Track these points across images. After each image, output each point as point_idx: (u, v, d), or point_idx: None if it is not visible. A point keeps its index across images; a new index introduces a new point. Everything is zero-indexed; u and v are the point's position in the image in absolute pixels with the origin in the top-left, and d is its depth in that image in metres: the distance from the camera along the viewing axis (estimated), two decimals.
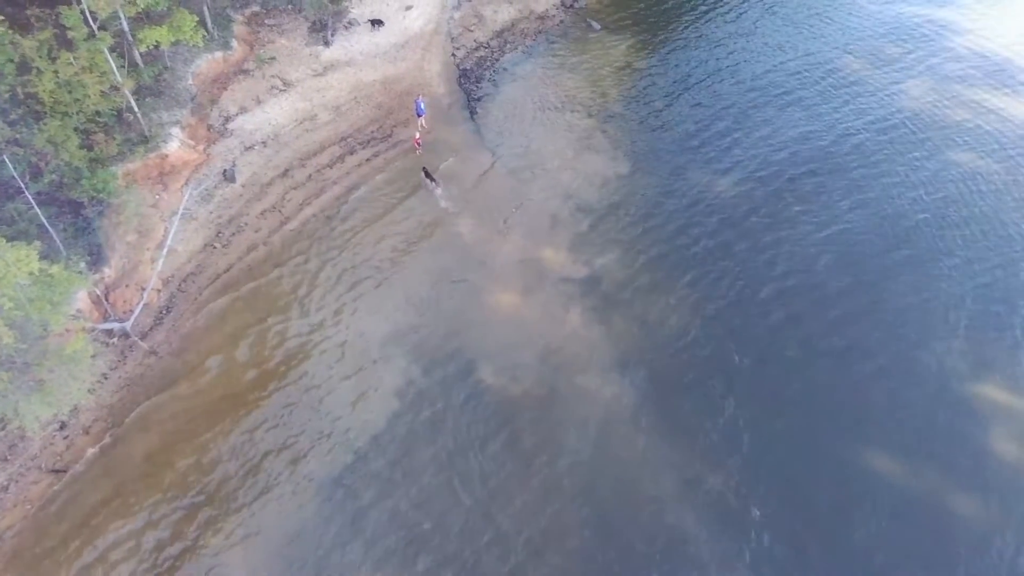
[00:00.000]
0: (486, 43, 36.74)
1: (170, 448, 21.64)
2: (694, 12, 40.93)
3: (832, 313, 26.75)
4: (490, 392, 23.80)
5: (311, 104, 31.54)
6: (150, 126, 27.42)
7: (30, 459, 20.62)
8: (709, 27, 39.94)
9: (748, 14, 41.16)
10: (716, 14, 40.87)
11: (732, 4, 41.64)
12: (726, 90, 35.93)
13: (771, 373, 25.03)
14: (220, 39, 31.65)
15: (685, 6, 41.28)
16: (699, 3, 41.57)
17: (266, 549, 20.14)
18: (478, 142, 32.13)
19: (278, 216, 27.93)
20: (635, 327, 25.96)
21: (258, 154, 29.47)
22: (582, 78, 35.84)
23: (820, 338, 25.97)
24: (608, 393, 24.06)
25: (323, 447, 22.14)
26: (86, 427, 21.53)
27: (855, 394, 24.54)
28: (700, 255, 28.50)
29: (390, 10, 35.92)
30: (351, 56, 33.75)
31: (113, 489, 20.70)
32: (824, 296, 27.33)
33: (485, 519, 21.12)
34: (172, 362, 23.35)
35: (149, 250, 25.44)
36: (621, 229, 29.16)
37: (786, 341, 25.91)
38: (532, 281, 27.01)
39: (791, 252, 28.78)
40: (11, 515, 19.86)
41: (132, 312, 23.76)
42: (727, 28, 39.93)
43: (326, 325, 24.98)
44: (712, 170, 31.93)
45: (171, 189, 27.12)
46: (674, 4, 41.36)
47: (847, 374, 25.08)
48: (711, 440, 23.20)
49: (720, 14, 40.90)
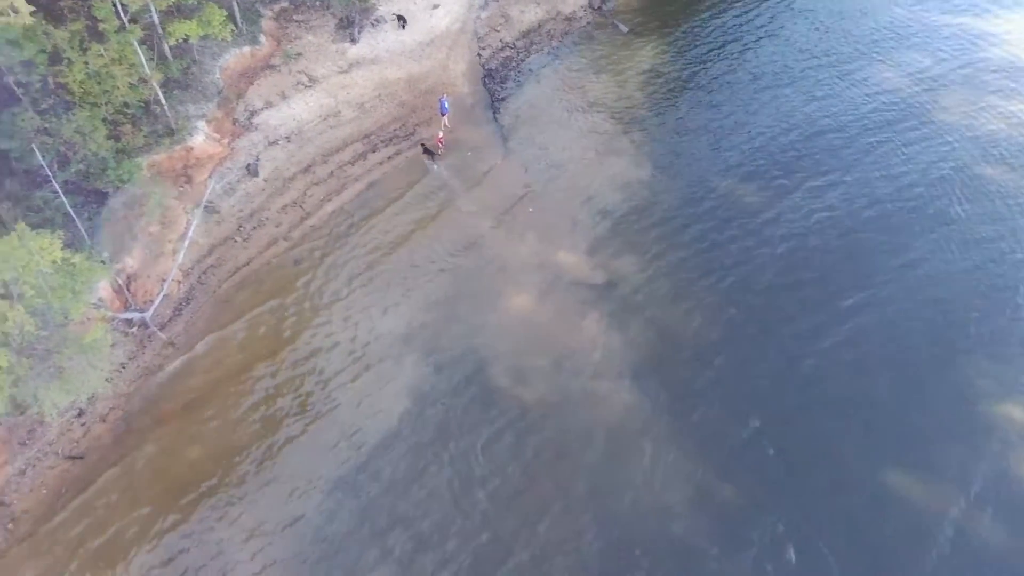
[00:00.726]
0: (512, 43, 36.59)
1: (184, 438, 21.78)
2: (723, 16, 40.39)
3: (857, 325, 26.17)
4: (501, 395, 23.65)
5: (335, 101, 31.64)
6: (176, 119, 27.70)
7: (47, 445, 20.91)
8: (738, 32, 39.40)
9: (777, 19, 40.51)
10: (745, 19, 40.31)
11: (761, 9, 41.05)
12: (753, 96, 35.40)
13: (794, 385, 24.54)
14: (248, 34, 31.88)
15: (714, 10, 40.78)
16: (728, 7, 41.04)
17: (272, 540, 20.19)
18: (500, 142, 32.00)
19: (299, 211, 28.05)
20: (652, 334, 25.62)
21: (281, 149, 29.62)
22: (607, 81, 35.53)
23: (845, 350, 25.38)
24: (622, 400, 23.77)
25: (332, 443, 22.13)
26: (103, 415, 21.78)
27: (883, 412, 23.90)
28: (722, 263, 28.06)
29: (417, 8, 35.92)
30: (377, 54, 33.80)
31: (127, 476, 20.89)
32: (849, 307, 26.74)
33: (487, 521, 20.94)
34: (189, 353, 23.53)
35: (171, 241, 25.68)
36: (641, 233, 28.83)
37: (810, 353, 25.37)
38: (548, 284, 26.81)
39: (815, 261, 28.22)
40: (28, 499, 20.15)
41: (152, 302, 24.01)
42: (755, 33, 39.35)
43: (341, 321, 24.99)
44: (735, 176, 31.46)
45: (195, 182, 27.35)
46: (704, 8, 40.88)
47: (874, 390, 24.49)
48: (728, 453, 22.78)
49: (749, 19, 40.32)
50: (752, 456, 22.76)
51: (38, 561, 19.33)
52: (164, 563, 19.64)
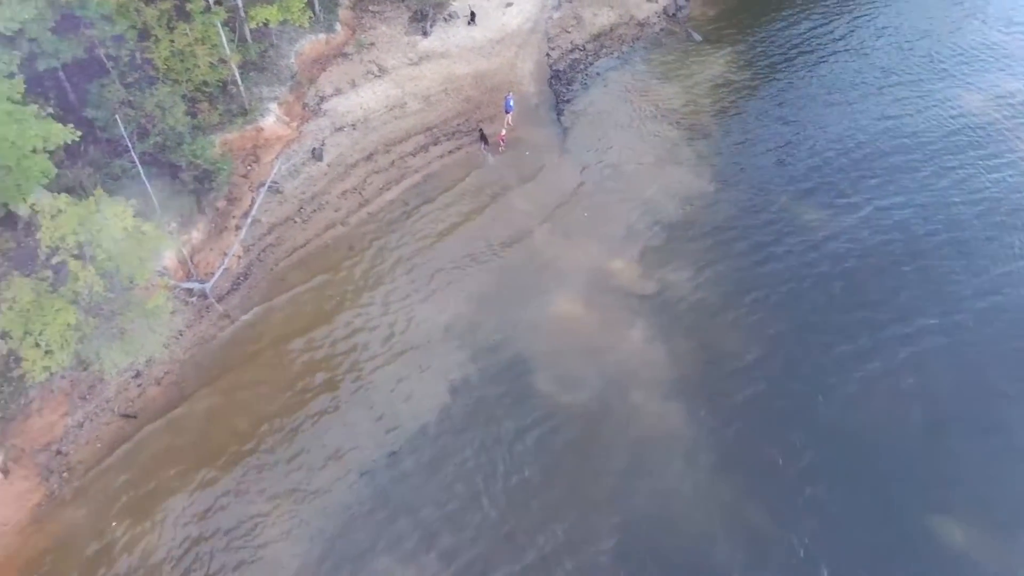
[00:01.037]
0: (582, 46, 36.40)
1: (230, 408, 22.54)
2: (800, 27, 39.18)
3: (917, 353, 25.10)
4: (535, 395, 23.59)
5: (402, 92, 32.15)
6: (251, 100, 28.66)
7: (105, 401, 21.99)
8: (814, 44, 38.16)
9: (856, 33, 39.02)
10: (823, 31, 38.99)
11: (841, 22, 39.64)
12: (824, 111, 34.30)
13: (842, 411, 23.56)
14: (325, 22, 32.72)
15: (792, 20, 39.57)
16: (806, 18, 39.74)
17: (298, 510, 20.78)
18: (561, 144, 31.89)
19: (358, 198, 28.63)
20: (702, 352, 25.05)
21: (347, 136, 30.29)
22: (675, 89, 34.95)
23: (900, 379, 24.36)
24: (658, 413, 23.35)
25: (364, 422, 22.50)
26: (158, 378, 22.76)
27: (950, 460, 22.66)
28: (775, 279, 27.27)
29: (490, 5, 36.15)
30: (447, 48, 34.18)
31: (172, 440, 21.77)
32: (909, 334, 25.66)
33: (504, 517, 20.99)
34: (242, 327, 24.34)
35: (235, 218, 26.61)
36: (697, 248, 28.26)
37: (861, 380, 24.38)
38: (597, 289, 26.57)
39: (875, 284, 27.23)
40: (83, 450, 21.25)
41: (213, 275, 24.93)
42: (832, 46, 38.04)
43: (390, 309, 25.39)
44: (799, 192, 30.57)
45: (262, 162, 28.26)
46: (781, 18, 39.70)
47: (929, 423, 23.36)
48: (765, 477, 22.10)
49: (827, 31, 38.99)
50: (789, 483, 22.02)
51: (86, 509, 20.37)
52: (199, 519, 20.47)
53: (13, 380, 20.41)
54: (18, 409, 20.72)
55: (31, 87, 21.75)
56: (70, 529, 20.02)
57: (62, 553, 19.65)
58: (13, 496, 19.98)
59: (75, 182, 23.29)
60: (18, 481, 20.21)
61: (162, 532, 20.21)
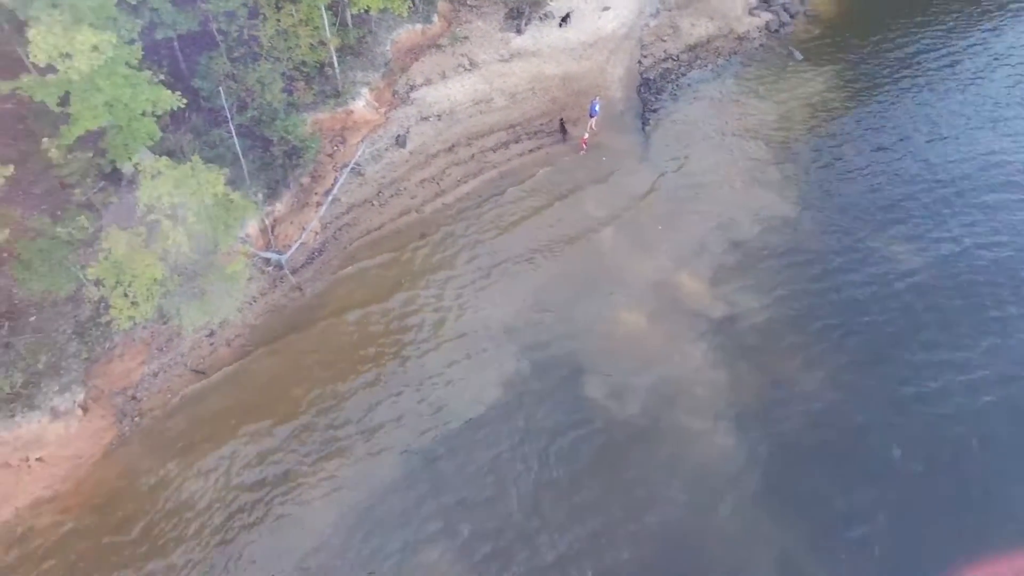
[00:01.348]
0: (675, 55, 35.70)
1: (290, 378, 23.43)
2: (907, 50, 36.86)
3: (1004, 400, 23.56)
4: (587, 403, 23.39)
5: (490, 87, 32.44)
6: (344, 83, 29.61)
7: (179, 355, 23.28)
8: (922, 71, 35.90)
9: (970, 61, 36.30)
10: (932, 56, 36.59)
11: (954, 48, 36.97)
12: (926, 143, 32.36)
13: (916, 460, 22.34)
14: (423, 12, 33.39)
15: (900, 43, 37.29)
16: (916, 43, 37.38)
17: (341, 486, 21.45)
18: (643, 154, 31.40)
19: (435, 188, 29.12)
20: (763, 379, 24.20)
21: (431, 126, 30.84)
22: (769, 108, 33.77)
23: (985, 427, 22.94)
24: (715, 442, 22.68)
25: (415, 410, 22.93)
26: (229, 340, 23.91)
27: (1005, 523, 21.32)
28: (854, 315, 26.01)
29: (587, 8, 35.93)
30: (539, 47, 34.23)
31: (234, 397, 22.86)
32: (996, 381, 24.08)
33: (545, 524, 20.95)
34: (311, 301, 25.23)
35: (317, 195, 27.58)
36: (773, 273, 27.26)
37: (939, 427, 23.03)
38: (664, 305, 26.05)
39: (961, 328, 25.72)
40: (155, 399, 22.60)
41: (290, 247, 25.94)
42: (942, 74, 35.64)
43: (453, 301, 25.73)
44: (889, 225, 29.03)
45: (348, 143, 29.16)
46: (889, 41, 37.49)
47: (1001, 493, 21.82)
48: (824, 526, 21.08)
49: (936, 57, 36.51)
50: (836, 521, 21.02)
51: (151, 452, 21.69)
52: (248, 473, 21.53)
53: (101, 325, 21.90)
54: (103, 352, 22.23)
55: (148, 54, 23.20)
56: (135, 469, 21.37)
57: (126, 489, 21.05)
58: (90, 432, 21.47)
59: (176, 146, 24.72)
60: (96, 419, 21.69)
61: (214, 480, 21.35)
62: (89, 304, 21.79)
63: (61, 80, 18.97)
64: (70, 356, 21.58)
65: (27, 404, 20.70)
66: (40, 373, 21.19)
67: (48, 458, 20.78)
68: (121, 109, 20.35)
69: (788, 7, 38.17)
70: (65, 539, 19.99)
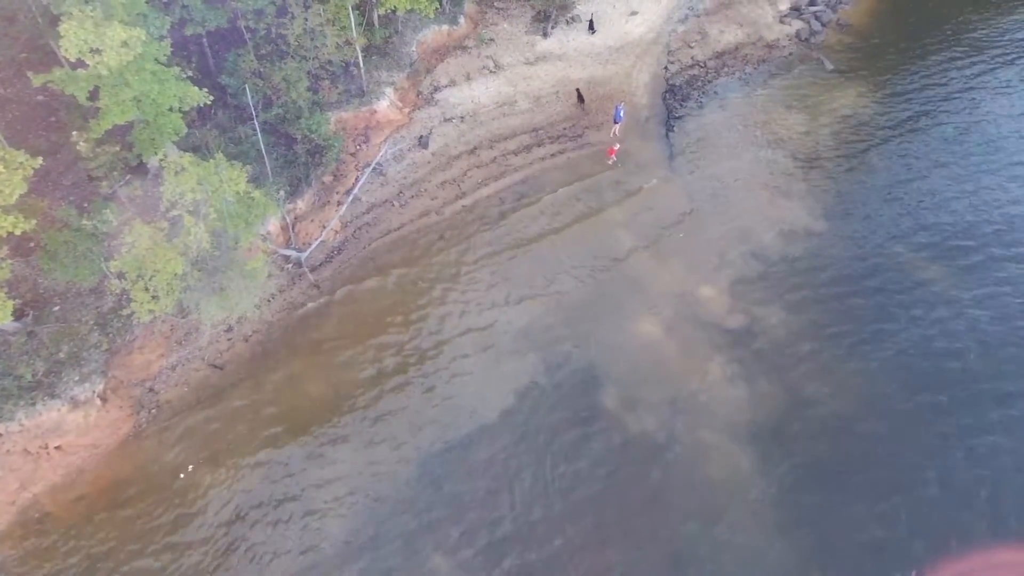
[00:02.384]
0: (703, 62, 35.30)
1: (307, 372, 23.55)
2: (948, 65, 36.01)
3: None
4: (605, 417, 23.18)
5: (514, 90, 32.34)
6: (369, 82, 29.69)
7: (198, 349, 23.52)
8: (957, 87, 34.96)
9: (1001, 75, 35.17)
10: (970, 74, 35.63)
11: (991, 65, 35.92)
12: (958, 161, 31.59)
13: (939, 488, 21.91)
14: (450, 14, 33.37)
15: (937, 57, 36.41)
16: (959, 58, 36.52)
17: (354, 489, 21.49)
18: (667, 161, 31.08)
19: (455, 190, 29.09)
20: (783, 397, 23.82)
21: (454, 127, 30.82)
22: (797, 118, 33.24)
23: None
24: (732, 461, 22.36)
25: (432, 417, 22.94)
26: (247, 336, 24.10)
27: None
28: (879, 335, 25.52)
29: (615, 12, 35.66)
30: (564, 51, 34.05)
31: (254, 394, 23.02)
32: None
33: (552, 531, 20.80)
34: (329, 299, 25.33)
35: (338, 193, 27.69)
36: (794, 288, 26.82)
37: (969, 457, 22.51)
38: (682, 316, 25.77)
39: (996, 356, 25.05)
40: (172, 392, 22.85)
41: (310, 245, 26.08)
42: (977, 92, 34.73)
43: (470, 303, 25.67)
44: (917, 244, 28.47)
45: (371, 143, 29.24)
46: (926, 53, 36.67)
47: None
48: (844, 557, 20.64)
49: (975, 73, 35.55)
50: (861, 557, 20.53)
51: (166, 445, 21.93)
52: (261, 472, 21.68)
53: (122, 317, 22.19)
54: (123, 344, 22.54)
55: (177, 50, 23.49)
56: (150, 461, 21.62)
57: (141, 478, 21.31)
58: (108, 423, 21.78)
59: (201, 142, 24.97)
60: (114, 410, 21.99)
61: (226, 477, 21.50)
62: (111, 296, 22.09)
63: (91, 75, 19.22)
64: (91, 347, 21.89)
65: (48, 392, 21.04)
66: (62, 362, 21.53)
67: (66, 446, 21.11)
68: (149, 104, 20.58)
69: (819, 16, 37.53)
70: (81, 526, 20.29)
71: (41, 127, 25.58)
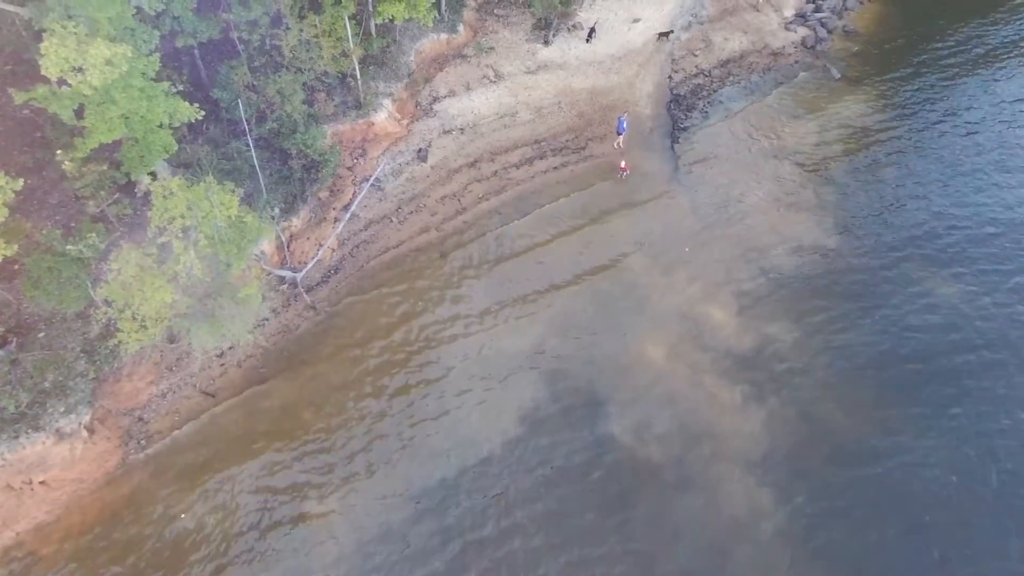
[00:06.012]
0: (707, 71, 34.53)
1: (301, 400, 22.73)
2: (950, 70, 35.37)
3: None
4: (613, 446, 22.40)
5: (515, 100, 31.49)
6: (366, 93, 28.77)
7: (189, 376, 22.61)
8: (968, 97, 34.34)
9: (1014, 87, 34.65)
10: (977, 82, 35.01)
11: (1003, 74, 35.36)
12: (970, 172, 30.93)
13: (964, 517, 21.21)
14: (449, 22, 32.46)
15: (947, 63, 35.78)
16: (960, 61, 35.80)
17: (350, 518, 20.78)
18: (671, 173, 30.31)
19: (456, 205, 28.24)
20: (796, 421, 23.07)
21: (453, 139, 29.96)
22: (804, 127, 32.52)
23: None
24: (742, 489, 21.59)
25: (429, 444, 22.18)
26: (240, 361, 23.20)
27: None
28: (895, 353, 24.89)
29: (617, 20, 34.81)
30: (566, 60, 33.21)
31: (247, 421, 22.15)
32: None
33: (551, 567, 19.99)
34: (325, 322, 24.45)
35: (335, 210, 26.80)
36: (807, 305, 26.08)
37: (995, 485, 21.83)
38: (689, 336, 25.00)
39: (1017, 378, 24.23)
40: (162, 421, 21.94)
41: (306, 264, 25.17)
42: (989, 101, 34.06)
43: (471, 326, 24.84)
44: (930, 257, 27.81)
45: (368, 156, 28.35)
46: (934, 60, 36.00)
47: None
48: None
49: (982, 84, 34.95)
50: None
51: (156, 477, 21.04)
52: (256, 504, 20.93)
53: (109, 345, 21.25)
54: (111, 371, 21.61)
55: (168, 62, 22.57)
56: (139, 495, 20.70)
57: (129, 514, 20.41)
58: (94, 455, 20.85)
59: (193, 158, 24.05)
60: (101, 441, 21.07)
61: (219, 509, 20.67)
62: (98, 323, 21.15)
63: (75, 93, 18.30)
64: (77, 375, 20.95)
65: (32, 425, 20.10)
66: (46, 392, 20.59)
67: (51, 481, 20.19)
68: (137, 121, 19.67)
69: (825, 22, 36.82)
70: (66, 566, 19.36)
71: (26, 143, 24.58)
